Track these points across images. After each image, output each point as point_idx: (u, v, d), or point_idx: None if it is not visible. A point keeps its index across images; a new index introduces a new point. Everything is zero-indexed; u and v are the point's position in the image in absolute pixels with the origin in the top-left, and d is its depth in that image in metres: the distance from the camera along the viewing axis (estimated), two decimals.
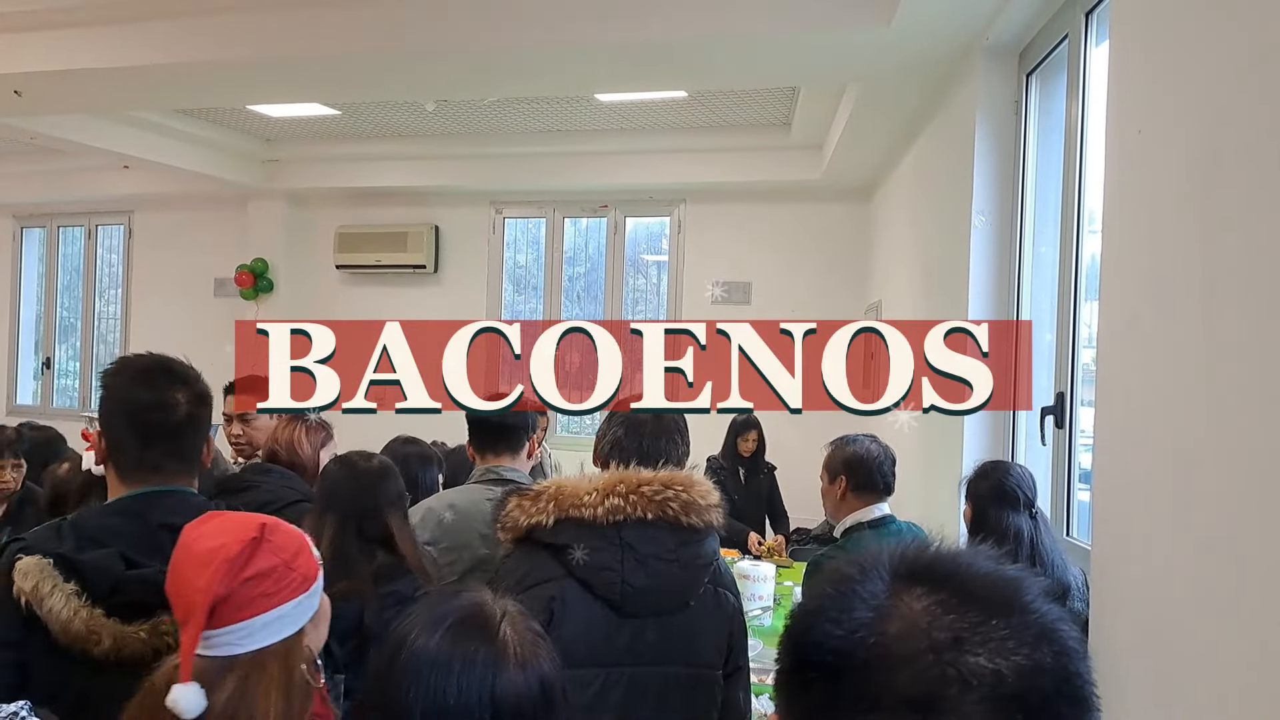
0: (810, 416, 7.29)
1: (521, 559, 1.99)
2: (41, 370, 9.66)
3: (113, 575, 1.64)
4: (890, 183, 6.09)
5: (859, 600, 0.71)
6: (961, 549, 0.75)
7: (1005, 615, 0.67)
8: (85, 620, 1.59)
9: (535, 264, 8.09)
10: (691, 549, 1.99)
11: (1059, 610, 0.69)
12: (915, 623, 0.68)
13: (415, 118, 6.86)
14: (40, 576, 1.60)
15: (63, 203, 9.09)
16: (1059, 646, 0.67)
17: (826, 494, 2.92)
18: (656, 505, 1.95)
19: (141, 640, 1.62)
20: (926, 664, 0.66)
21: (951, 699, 0.64)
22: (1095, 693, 0.68)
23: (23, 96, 5.31)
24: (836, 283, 7.11)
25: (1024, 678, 0.64)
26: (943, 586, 0.70)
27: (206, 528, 1.51)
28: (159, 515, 1.72)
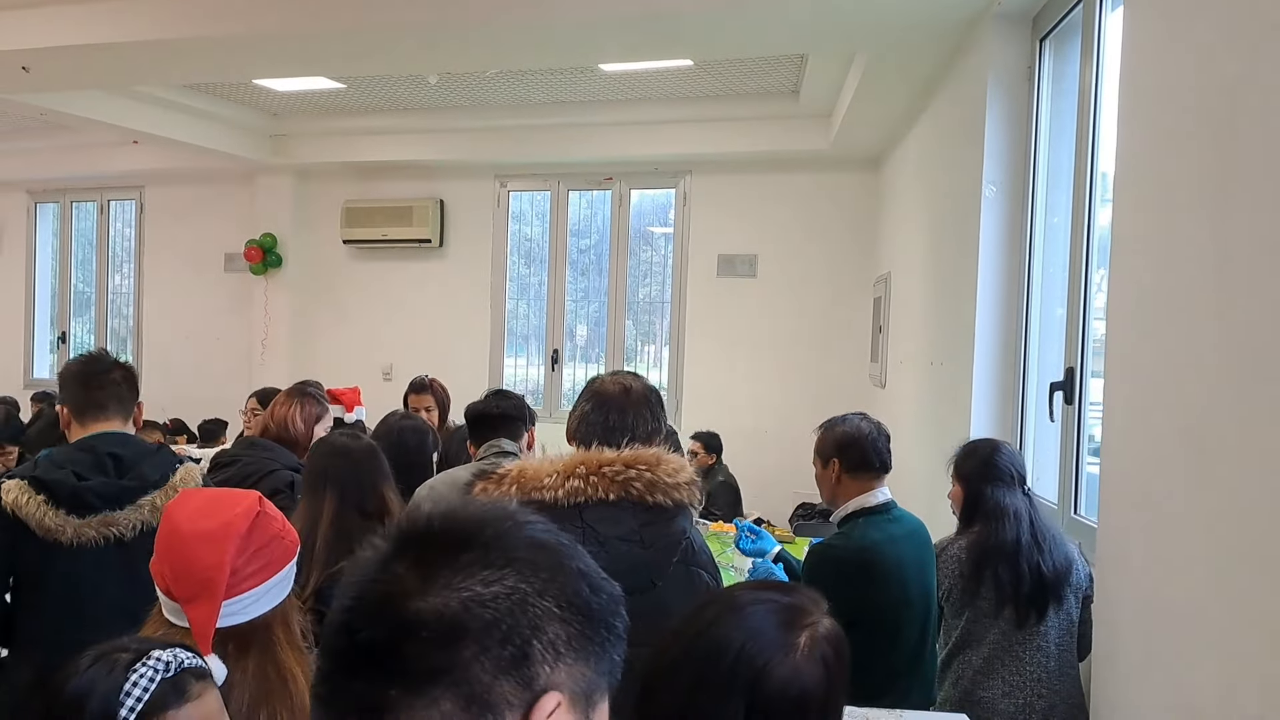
0: (808, 389, 7.28)
1: None
2: (57, 344, 9.71)
3: (68, 487, 2.34)
4: (900, 152, 6.00)
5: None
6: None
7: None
8: (52, 519, 2.31)
9: (542, 237, 8.04)
10: (656, 528, 1.94)
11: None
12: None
13: (419, 91, 6.80)
14: (18, 491, 2.31)
15: (75, 178, 9.09)
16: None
17: (821, 480, 2.79)
18: (619, 485, 1.90)
19: (93, 530, 2.34)
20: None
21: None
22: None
23: (30, 73, 5.29)
24: (845, 255, 7.03)
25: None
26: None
27: (196, 507, 1.57)
28: (104, 445, 2.44)
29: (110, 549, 2.35)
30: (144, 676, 1.30)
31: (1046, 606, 2.52)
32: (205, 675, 1.38)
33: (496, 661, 0.72)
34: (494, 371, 7.93)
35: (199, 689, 1.35)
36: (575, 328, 8.09)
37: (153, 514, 2.38)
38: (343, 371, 6.75)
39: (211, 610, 1.47)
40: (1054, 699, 2.52)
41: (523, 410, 3.11)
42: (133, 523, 2.37)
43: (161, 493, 2.42)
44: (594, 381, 2.21)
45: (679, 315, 7.55)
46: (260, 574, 1.53)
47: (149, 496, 2.40)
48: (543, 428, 6.23)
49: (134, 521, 2.37)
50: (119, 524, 2.35)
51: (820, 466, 2.76)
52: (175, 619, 1.53)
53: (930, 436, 4.48)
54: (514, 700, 0.72)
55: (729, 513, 5.70)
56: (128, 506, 2.38)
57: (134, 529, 2.36)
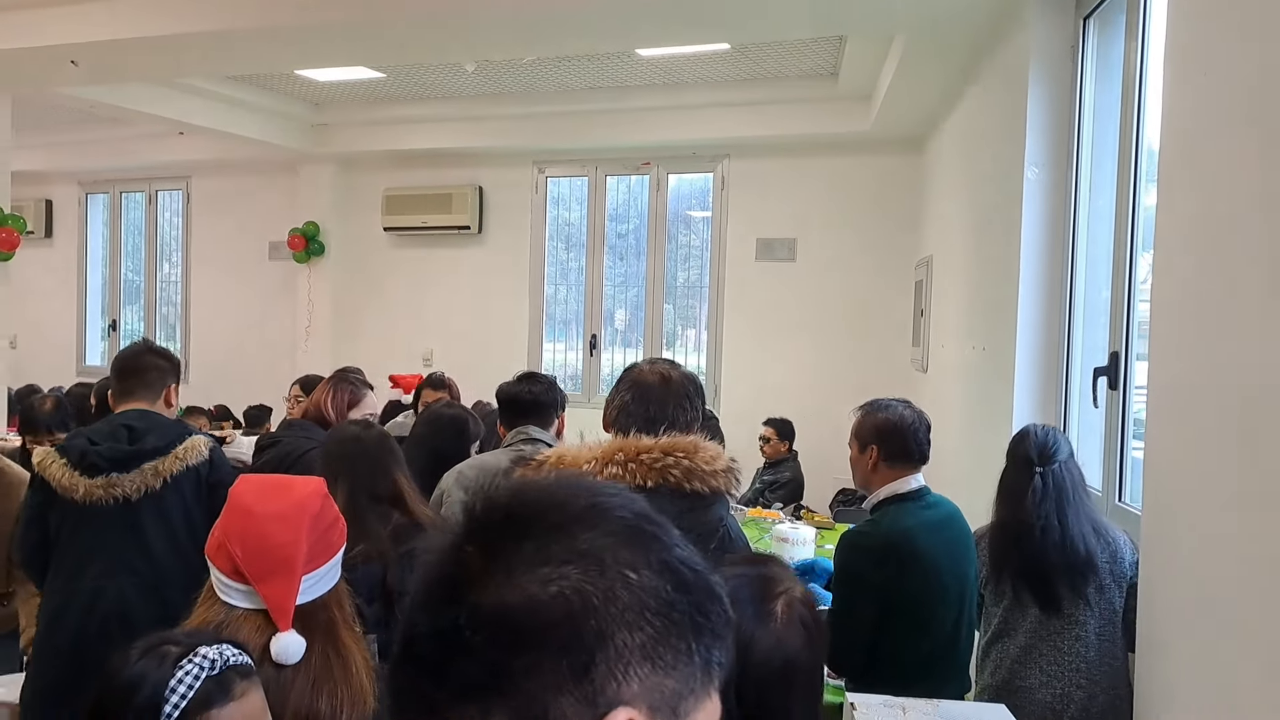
0: (848, 374, 7.25)
1: None
2: (108, 332, 9.92)
3: (79, 450, 2.73)
4: (942, 133, 5.92)
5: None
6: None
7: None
8: (68, 479, 2.71)
9: (580, 222, 8.05)
10: (694, 516, 1.93)
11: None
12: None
13: (457, 79, 6.83)
14: (43, 456, 2.77)
15: (124, 169, 9.27)
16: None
17: (856, 463, 2.72)
18: (657, 473, 1.90)
19: (100, 489, 2.71)
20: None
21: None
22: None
23: (79, 66, 5.39)
24: (885, 239, 6.96)
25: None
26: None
27: (262, 489, 1.64)
28: (121, 419, 2.83)
29: (117, 508, 2.71)
30: (189, 674, 1.33)
31: (1061, 591, 2.48)
32: (250, 674, 1.40)
33: (555, 674, 0.63)
34: (533, 357, 7.97)
35: (243, 688, 1.37)
36: (614, 313, 8.10)
37: (154, 478, 2.73)
38: (384, 358, 6.84)
39: (290, 587, 1.51)
40: (1093, 689, 2.49)
41: (553, 395, 3.13)
42: (136, 484, 2.72)
43: (163, 460, 2.75)
44: (632, 370, 2.20)
45: (717, 299, 7.52)
46: (325, 554, 1.59)
47: (152, 463, 2.73)
48: (581, 413, 6.29)
49: (137, 484, 2.72)
50: (123, 485, 2.71)
51: (857, 450, 2.70)
52: (239, 602, 1.54)
53: (972, 421, 4.44)
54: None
55: (788, 503, 5.69)
56: (132, 470, 2.71)
57: (138, 490, 2.72)
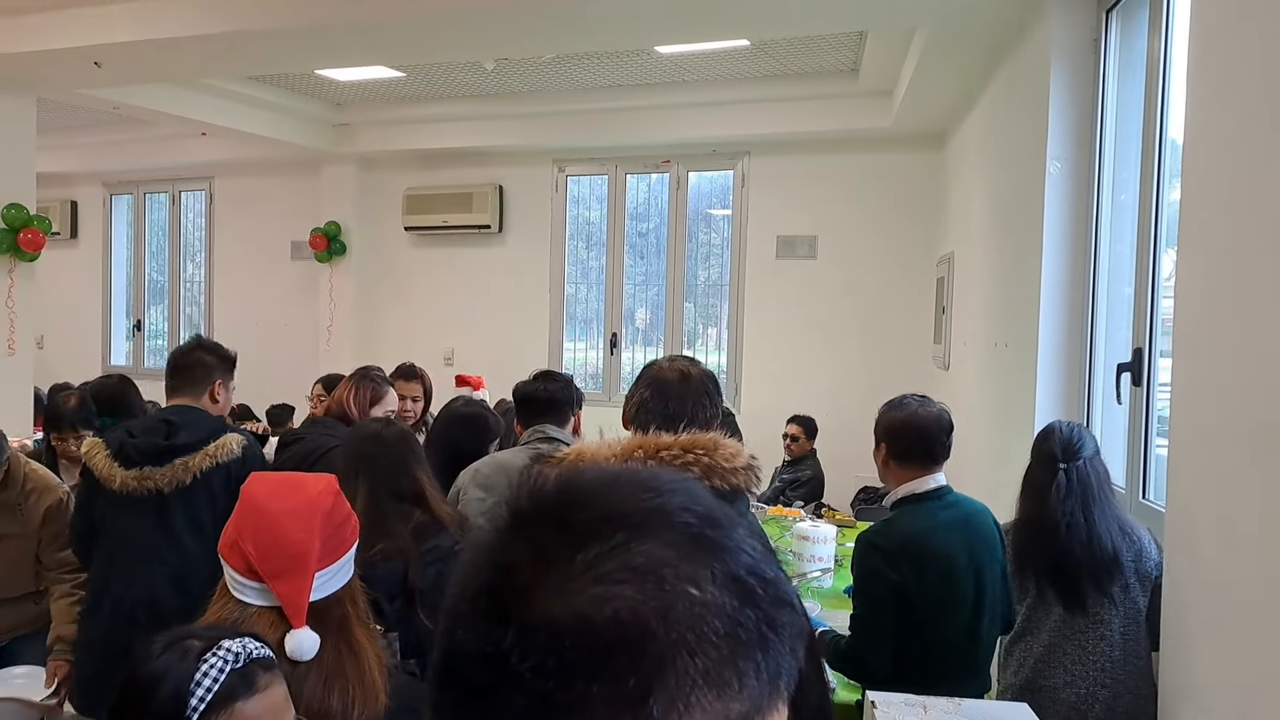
0: (869, 371, 7.22)
1: None
2: (133, 332, 10.01)
3: (118, 441, 2.85)
4: (964, 129, 5.88)
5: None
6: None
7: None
8: (107, 468, 2.83)
9: (600, 221, 8.05)
10: None
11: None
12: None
13: (477, 78, 6.84)
14: (90, 446, 2.92)
15: (148, 170, 9.36)
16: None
17: (875, 458, 2.68)
18: (676, 470, 1.89)
19: (134, 480, 2.80)
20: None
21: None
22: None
23: (103, 68, 5.44)
24: (907, 235, 6.92)
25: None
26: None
27: (274, 486, 1.63)
28: (163, 414, 2.98)
29: (150, 500, 2.81)
30: (214, 667, 1.33)
31: (1086, 590, 2.46)
32: (272, 666, 1.40)
33: (608, 706, 0.53)
34: (553, 355, 7.98)
35: (266, 680, 1.37)
36: (635, 311, 8.09)
37: (184, 473, 2.80)
38: (405, 356, 6.82)
39: (304, 584, 1.51)
40: (1118, 689, 2.47)
41: (569, 393, 3.12)
42: (167, 478, 2.80)
43: (195, 456, 2.82)
44: (651, 367, 2.20)
45: (738, 298, 7.51)
46: (337, 550, 1.59)
47: (184, 458, 2.81)
48: (601, 411, 6.29)
49: (168, 478, 2.80)
50: (155, 478, 2.80)
51: (874, 445, 2.69)
52: (253, 599, 1.55)
53: (995, 419, 4.40)
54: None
55: (808, 501, 5.68)
56: (165, 465, 2.80)
57: (169, 484, 2.80)
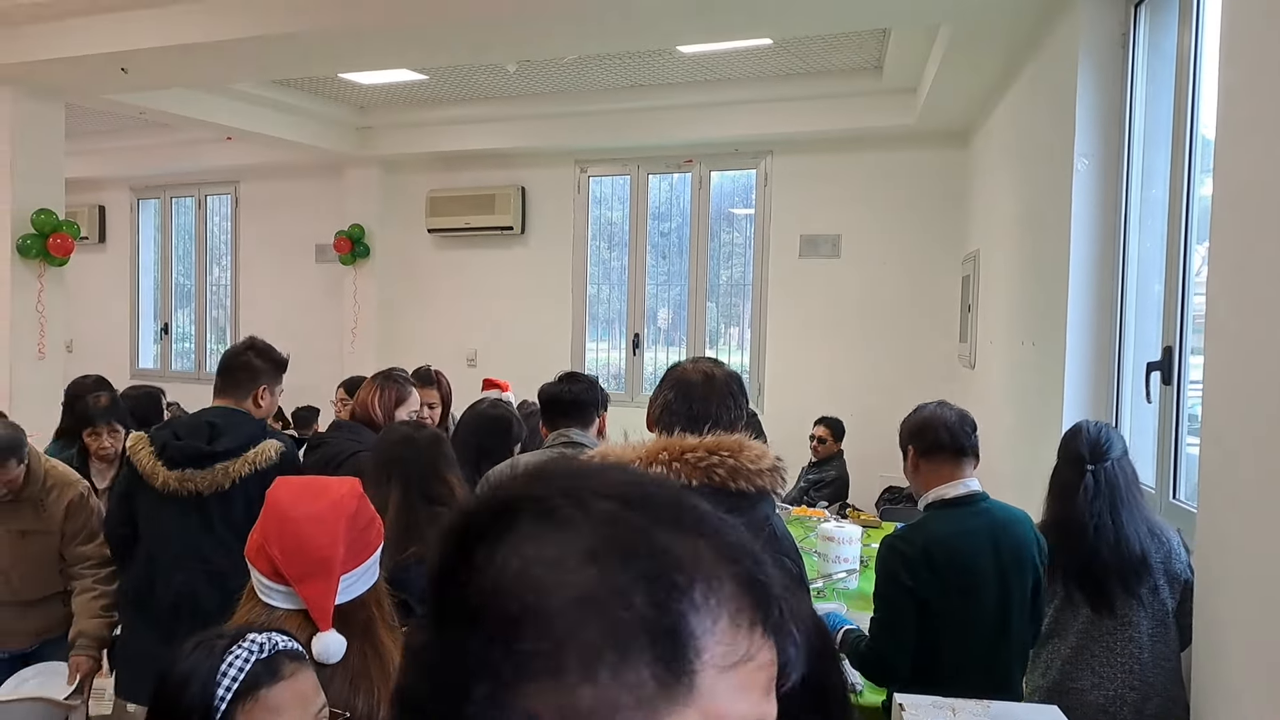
0: (894, 371, 7.16)
1: None
2: (160, 335, 10.11)
3: (163, 441, 2.90)
4: (989, 126, 5.83)
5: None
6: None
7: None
8: (151, 466, 2.87)
9: (622, 221, 8.04)
10: (739, 515, 1.89)
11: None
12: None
13: (499, 80, 6.86)
14: (135, 442, 2.95)
15: (174, 174, 9.45)
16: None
17: (907, 473, 2.66)
18: (701, 472, 1.88)
19: (175, 481, 2.84)
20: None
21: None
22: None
23: (129, 73, 5.50)
24: (931, 233, 6.87)
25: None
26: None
27: (298, 491, 1.64)
28: (207, 415, 2.99)
29: (191, 501, 2.85)
30: (239, 658, 1.34)
31: (1114, 591, 2.42)
32: (300, 657, 1.41)
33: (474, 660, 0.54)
34: (576, 356, 7.98)
35: (292, 668, 1.38)
36: (657, 311, 8.08)
37: (224, 478, 2.84)
38: (429, 358, 6.85)
39: (329, 587, 1.52)
40: (1147, 690, 2.43)
41: (594, 394, 3.11)
42: (207, 482, 2.84)
43: (234, 462, 2.86)
44: (675, 369, 2.19)
45: (760, 297, 7.48)
46: (362, 554, 1.59)
47: (224, 463, 2.85)
48: (624, 412, 6.27)
49: (209, 482, 2.84)
50: (196, 481, 2.84)
51: (904, 458, 2.64)
52: (279, 603, 1.55)
53: (1022, 418, 4.36)
54: None
55: (833, 502, 5.65)
56: (206, 468, 2.84)
57: (209, 487, 2.84)
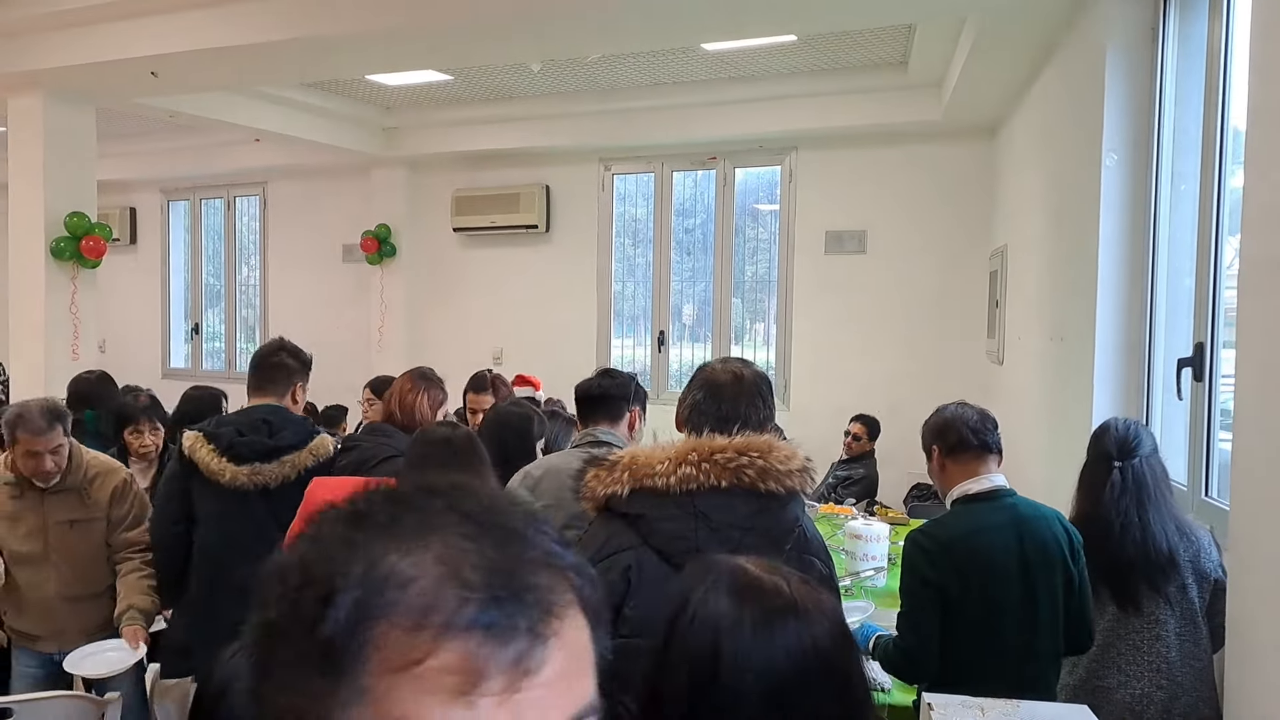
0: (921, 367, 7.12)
1: (601, 527, 1.99)
2: (191, 335, 10.22)
3: (228, 439, 2.99)
4: (1016, 120, 5.78)
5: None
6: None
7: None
8: (216, 463, 2.96)
9: (647, 218, 8.04)
10: (769, 516, 1.92)
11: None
12: None
13: (523, 79, 6.88)
14: (194, 440, 3.03)
15: (203, 176, 9.55)
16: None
17: (932, 474, 2.64)
18: (730, 473, 1.88)
19: (245, 475, 2.96)
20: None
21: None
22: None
23: (158, 77, 5.56)
24: (958, 229, 6.82)
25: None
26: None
27: (335, 491, 1.63)
28: (259, 413, 3.10)
29: (256, 495, 2.97)
30: None
31: (1141, 589, 2.40)
32: None
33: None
34: (601, 354, 8.00)
35: None
36: (682, 308, 8.08)
37: (291, 469, 3.01)
38: (456, 357, 6.92)
39: None
40: (1175, 689, 2.41)
41: (627, 389, 3.11)
42: (277, 475, 2.99)
43: (300, 454, 3.03)
44: (704, 369, 2.20)
45: (786, 293, 7.45)
46: None
47: (290, 456, 3.01)
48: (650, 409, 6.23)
49: (278, 474, 2.99)
50: (265, 474, 2.98)
51: (928, 460, 2.63)
52: None
53: (1051, 415, 4.33)
54: None
55: (860, 500, 5.64)
56: (274, 461, 2.99)
57: (277, 480, 2.98)
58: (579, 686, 0.61)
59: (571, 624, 0.61)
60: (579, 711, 0.60)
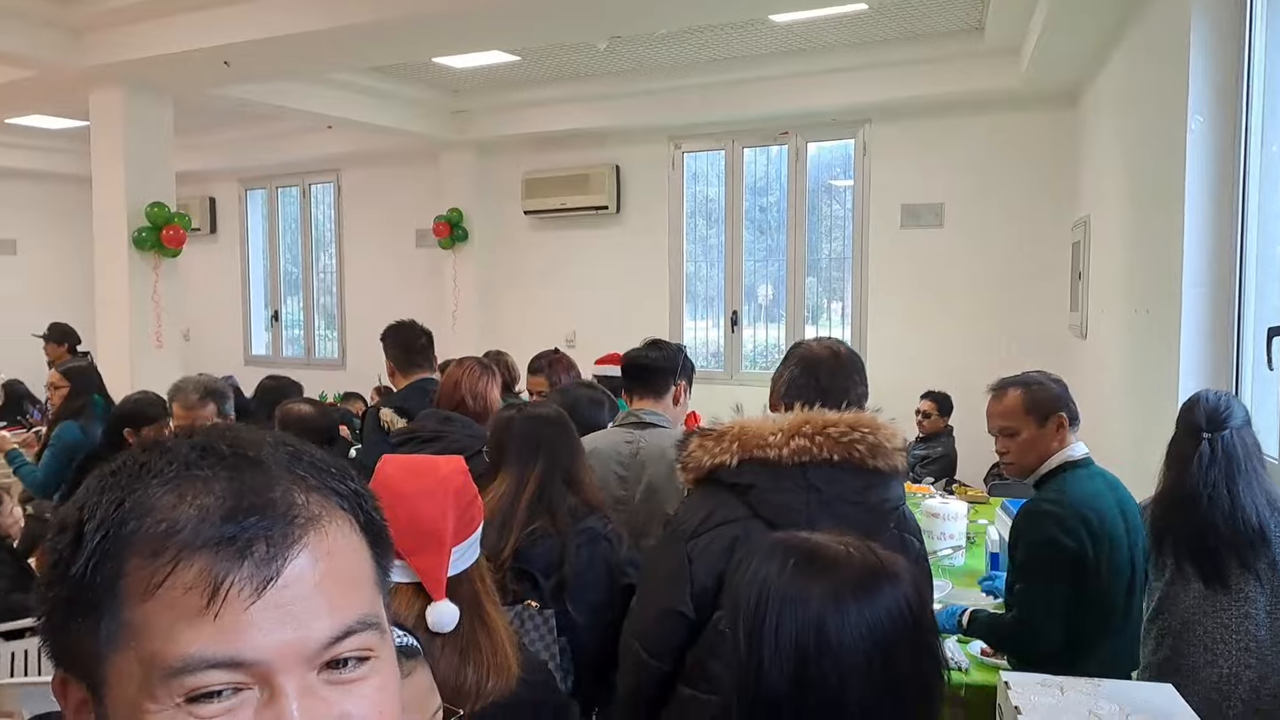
0: (1002, 342, 6.93)
1: (704, 499, 1.98)
2: (271, 322, 10.48)
3: (413, 411, 3.49)
4: (1098, 85, 5.56)
5: None
6: None
7: None
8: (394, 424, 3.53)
9: (718, 196, 7.96)
10: (878, 492, 1.93)
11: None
12: None
13: (590, 58, 6.85)
14: (391, 415, 3.60)
15: (279, 165, 9.75)
16: None
17: (1034, 442, 2.55)
18: (843, 447, 1.88)
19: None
20: None
21: None
22: None
23: (231, 66, 5.68)
24: (1038, 199, 6.61)
25: None
26: None
27: (404, 469, 1.72)
28: (430, 386, 3.67)
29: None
30: None
31: (1229, 565, 2.30)
32: (416, 654, 1.43)
33: None
34: (674, 335, 7.95)
35: (409, 667, 1.39)
36: (755, 287, 8.00)
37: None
38: (527, 340, 6.94)
39: (441, 559, 1.56)
40: (1265, 669, 2.30)
41: (674, 362, 3.08)
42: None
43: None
44: (799, 347, 2.24)
45: (861, 270, 7.32)
46: (467, 529, 1.64)
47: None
48: (722, 390, 6.21)
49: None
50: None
51: (1034, 428, 2.54)
52: (393, 576, 1.60)
53: (1137, 389, 4.17)
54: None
55: (939, 479, 5.54)
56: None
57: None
58: (346, 600, 0.62)
59: (329, 537, 0.62)
60: (347, 625, 0.61)
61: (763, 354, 7.96)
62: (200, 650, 0.56)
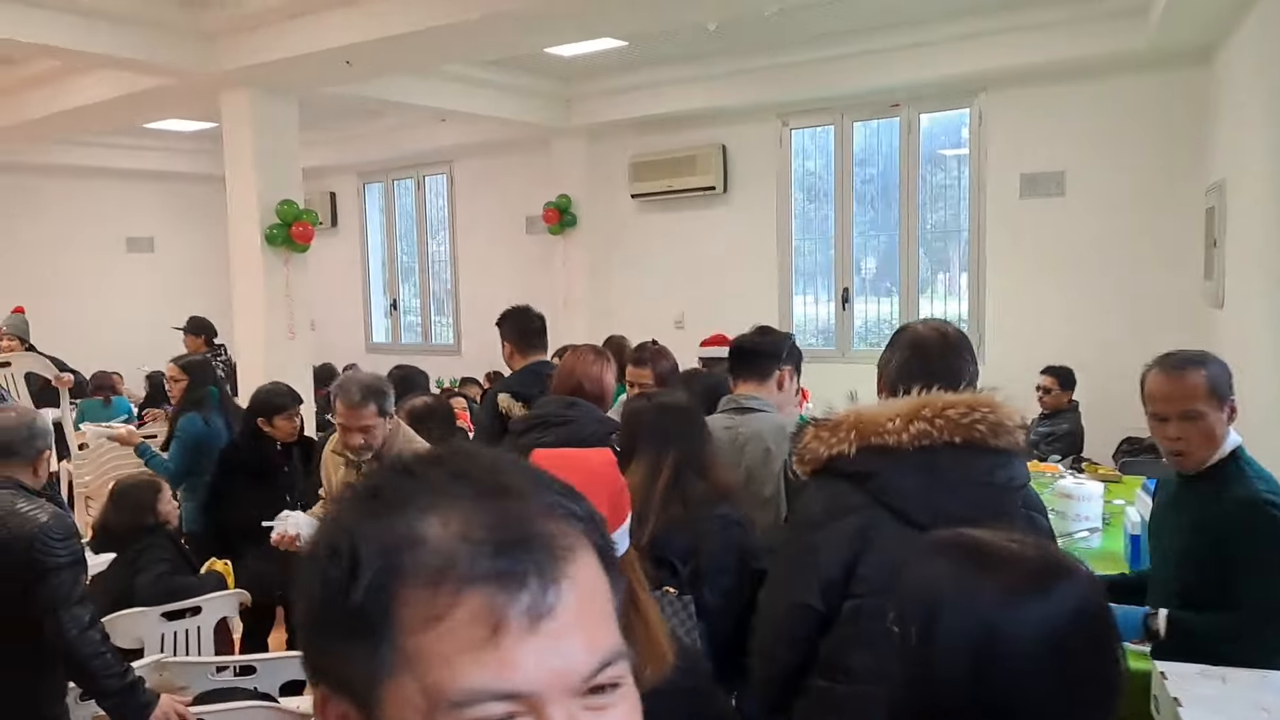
0: (1129, 314, 6.70)
1: (821, 490, 1.96)
2: (390, 310, 10.81)
3: (526, 396, 3.64)
4: (1234, 41, 5.28)
5: None
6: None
7: None
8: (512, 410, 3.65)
9: (826, 171, 7.85)
10: (1005, 472, 1.88)
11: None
12: None
13: (698, 39, 6.82)
14: (508, 401, 3.72)
15: (394, 159, 10.04)
16: None
17: (1217, 426, 2.27)
18: (964, 429, 1.84)
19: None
20: None
21: None
22: None
23: (352, 65, 5.86)
24: (1167, 164, 6.32)
25: None
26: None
27: (560, 463, 1.75)
28: (544, 369, 3.85)
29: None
30: None
31: None
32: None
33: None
34: (783, 313, 7.91)
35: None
36: (863, 262, 7.88)
37: None
38: (637, 323, 7.01)
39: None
40: None
41: (779, 348, 3.07)
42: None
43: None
44: (905, 331, 2.19)
45: (978, 242, 7.14)
46: (618, 518, 1.65)
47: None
48: (834, 368, 6.15)
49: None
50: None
51: (1214, 412, 2.26)
52: None
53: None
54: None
55: (1065, 456, 5.38)
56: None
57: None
58: (601, 631, 0.63)
59: (583, 568, 0.64)
60: (605, 657, 0.62)
61: (874, 329, 7.85)
62: (484, 683, 0.58)
